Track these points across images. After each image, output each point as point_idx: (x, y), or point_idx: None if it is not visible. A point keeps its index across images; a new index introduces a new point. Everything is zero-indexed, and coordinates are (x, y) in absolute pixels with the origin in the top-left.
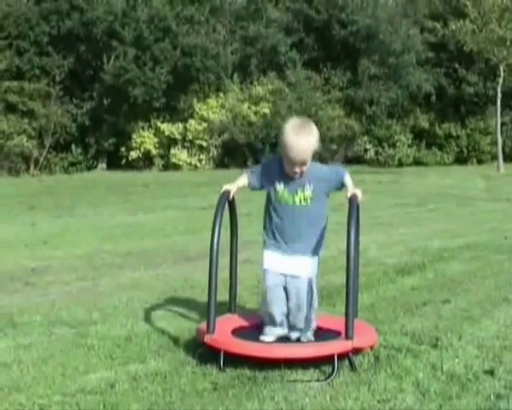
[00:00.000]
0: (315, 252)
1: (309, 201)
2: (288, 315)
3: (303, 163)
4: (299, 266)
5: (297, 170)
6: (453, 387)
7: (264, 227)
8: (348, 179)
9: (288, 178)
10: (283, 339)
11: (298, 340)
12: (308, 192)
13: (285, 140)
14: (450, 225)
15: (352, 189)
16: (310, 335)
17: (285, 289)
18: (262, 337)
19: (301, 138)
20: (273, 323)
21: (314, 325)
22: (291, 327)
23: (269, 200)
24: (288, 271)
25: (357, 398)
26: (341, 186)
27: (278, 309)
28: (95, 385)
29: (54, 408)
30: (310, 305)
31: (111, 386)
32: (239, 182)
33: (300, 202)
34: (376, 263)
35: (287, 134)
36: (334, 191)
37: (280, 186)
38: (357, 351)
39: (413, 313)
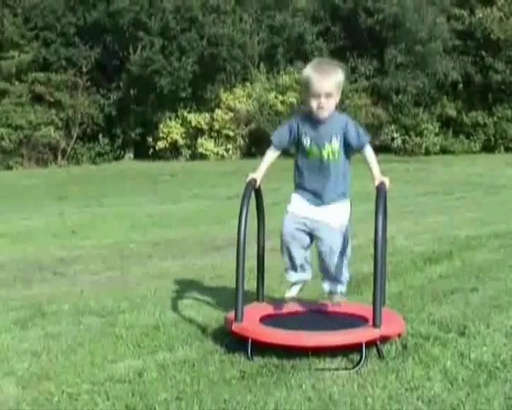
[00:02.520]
0: (346, 197)
1: (336, 155)
2: (319, 263)
3: (328, 95)
4: (332, 214)
5: (323, 103)
6: (481, 375)
7: (295, 176)
8: (373, 159)
9: (314, 130)
10: (311, 326)
11: (330, 293)
12: (335, 144)
13: (306, 76)
14: (478, 214)
15: (379, 177)
16: (342, 288)
17: (310, 234)
18: (287, 295)
19: (324, 71)
20: (294, 267)
21: (347, 276)
22: (324, 276)
23: (297, 158)
24: (320, 217)
25: (384, 386)
26: (356, 148)
27: (298, 252)
28: (123, 374)
29: (83, 397)
30: (342, 253)
31: (139, 374)
32: (265, 160)
33: (329, 156)
34: (404, 251)
35: (307, 70)
36: (352, 148)
37: (307, 141)
38: (384, 339)
39: (441, 301)
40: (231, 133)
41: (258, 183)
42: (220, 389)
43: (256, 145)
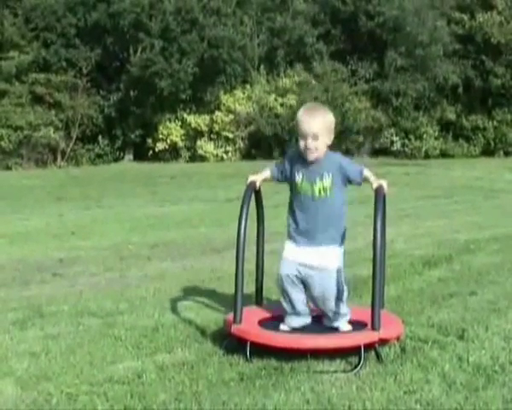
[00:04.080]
0: (338, 242)
1: (328, 192)
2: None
3: (314, 137)
4: (323, 257)
5: (310, 145)
6: (479, 378)
7: (288, 220)
8: (369, 173)
9: (306, 167)
10: (310, 329)
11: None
12: (327, 181)
13: (297, 117)
14: (477, 218)
15: (376, 180)
16: (340, 324)
17: (303, 281)
18: (281, 326)
19: (311, 114)
20: (295, 312)
21: (346, 316)
22: (326, 317)
23: (291, 192)
24: (312, 262)
25: (383, 389)
26: (360, 180)
27: (298, 296)
28: (122, 375)
29: (81, 397)
30: (338, 297)
31: (138, 376)
32: (263, 174)
33: (320, 192)
34: (403, 255)
35: (299, 112)
36: (353, 183)
37: (299, 177)
38: (383, 342)
39: (439, 304)
40: (231, 135)
41: (258, 185)
42: (219, 391)
43: (255, 147)
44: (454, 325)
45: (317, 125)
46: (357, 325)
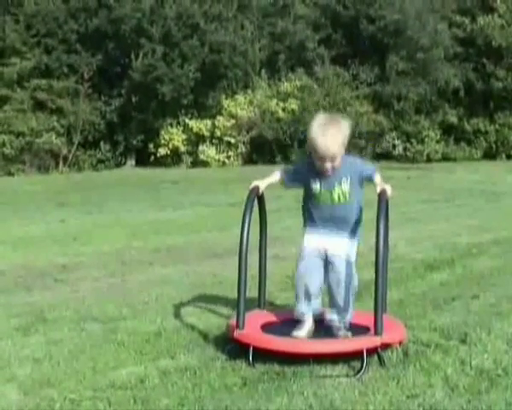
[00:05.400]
0: (356, 237)
1: (347, 196)
2: (330, 296)
3: (333, 159)
4: (339, 246)
5: (328, 166)
6: (482, 382)
7: (304, 216)
8: (378, 177)
9: (323, 176)
10: (313, 332)
11: (329, 329)
12: (346, 186)
13: (311, 138)
14: (479, 221)
15: (381, 184)
16: (344, 318)
17: (324, 264)
18: (295, 332)
19: (327, 135)
20: (308, 296)
21: (351, 313)
22: (332, 308)
23: (307, 198)
24: (328, 247)
25: (386, 393)
26: (371, 179)
27: (314, 280)
28: (125, 380)
29: (85, 403)
30: (348, 288)
31: (141, 381)
32: (271, 178)
33: (339, 198)
34: (405, 259)
35: (313, 132)
36: (366, 181)
37: (316, 185)
38: (386, 346)
39: (442, 308)
40: (233, 140)
41: (261, 190)
42: (222, 396)
43: (257, 152)
44: (456, 328)
45: (335, 146)
46: (359, 329)
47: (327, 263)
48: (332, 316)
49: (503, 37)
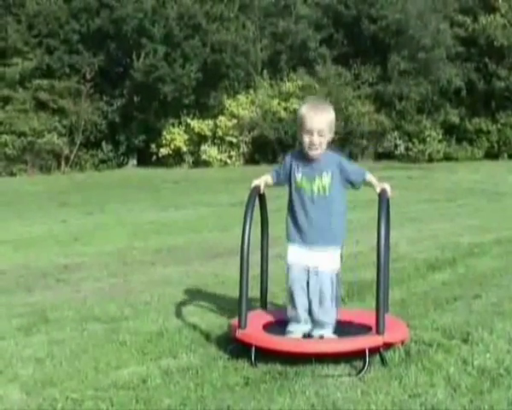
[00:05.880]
0: (336, 242)
1: (327, 189)
2: (310, 310)
3: (320, 133)
4: (321, 259)
5: (315, 140)
6: (484, 382)
7: (287, 220)
8: (371, 177)
9: (305, 166)
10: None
11: (321, 337)
12: (326, 179)
13: (300, 115)
14: (481, 221)
15: (379, 184)
16: (324, 333)
17: (307, 283)
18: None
19: (316, 112)
20: (297, 319)
21: (334, 319)
22: (314, 323)
23: (290, 193)
24: (310, 264)
25: (388, 393)
26: (360, 183)
27: (302, 304)
28: (127, 380)
29: (86, 403)
30: (332, 298)
31: (143, 381)
32: (265, 178)
33: (318, 190)
34: (407, 258)
35: (302, 110)
36: (351, 186)
37: (299, 175)
38: (388, 346)
39: (444, 308)
40: (234, 140)
41: (262, 188)
42: (224, 396)
43: (259, 152)
44: (458, 328)
45: (323, 121)
46: (361, 329)
47: (310, 277)
48: (318, 334)
49: (505, 36)
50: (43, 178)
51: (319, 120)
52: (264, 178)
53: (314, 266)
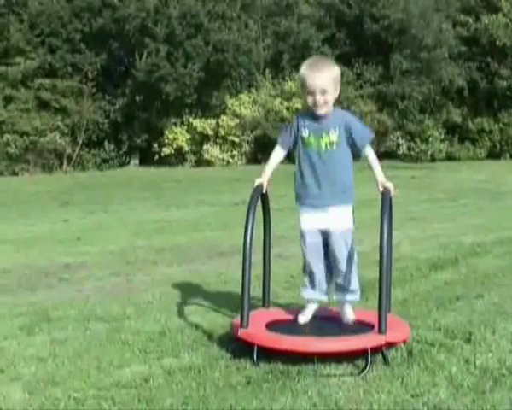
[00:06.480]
0: (346, 199)
1: (334, 146)
2: (329, 274)
3: (322, 92)
4: (333, 220)
5: (319, 99)
6: (486, 381)
7: (295, 181)
8: (371, 152)
9: (313, 123)
10: (316, 332)
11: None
12: (333, 136)
13: (302, 74)
14: (483, 220)
15: (383, 182)
16: (352, 297)
17: (323, 248)
18: (300, 316)
19: (317, 70)
20: (312, 283)
21: (356, 283)
22: (336, 288)
23: (298, 154)
24: (323, 226)
25: (390, 392)
26: (362, 147)
27: (317, 267)
28: (129, 379)
29: (89, 402)
30: (348, 260)
31: (145, 380)
32: (271, 162)
33: (326, 146)
34: (409, 258)
35: (303, 69)
36: (356, 146)
37: (306, 132)
38: (390, 345)
39: (446, 307)
40: (237, 139)
41: (265, 187)
42: (226, 395)
43: (261, 151)
44: (461, 328)
45: (324, 79)
46: (363, 328)
47: (326, 240)
48: (338, 296)
49: (508, 36)
50: (45, 177)
51: (320, 80)
52: (268, 172)
53: (327, 227)
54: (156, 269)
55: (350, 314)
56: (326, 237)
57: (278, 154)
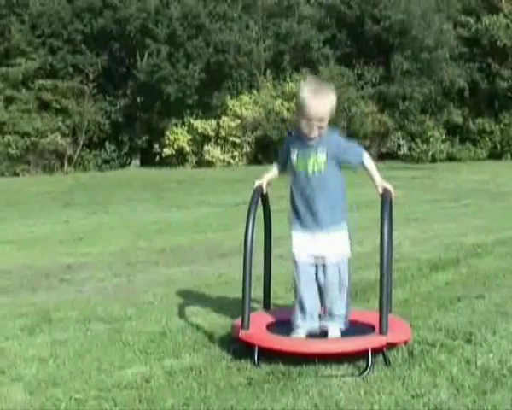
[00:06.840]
0: (336, 223)
1: (322, 167)
2: (321, 299)
3: (321, 120)
4: (325, 246)
5: (315, 128)
6: (487, 382)
7: (289, 207)
8: (372, 166)
9: (301, 145)
10: (317, 334)
11: (325, 334)
12: (321, 156)
13: (302, 98)
14: (484, 221)
15: (382, 184)
16: (335, 324)
17: (316, 275)
18: (292, 334)
19: (319, 96)
20: (303, 312)
21: (343, 311)
22: (324, 315)
23: (290, 177)
24: (315, 252)
25: (391, 393)
26: (357, 165)
27: (308, 297)
28: (130, 380)
29: (90, 403)
30: (340, 286)
31: (146, 381)
32: (270, 174)
33: (314, 168)
34: (410, 259)
35: (304, 92)
36: (348, 165)
37: (294, 154)
38: (391, 346)
39: (447, 308)
40: (238, 140)
41: (264, 188)
42: (227, 396)
43: (262, 152)
44: (462, 328)
45: (325, 109)
46: (364, 329)
47: (318, 266)
48: (327, 324)
49: (508, 36)
50: (46, 178)
51: (321, 109)
52: (267, 176)
53: (318, 253)
54: (157, 270)
55: (333, 333)
56: (318, 263)
57: (273, 171)
